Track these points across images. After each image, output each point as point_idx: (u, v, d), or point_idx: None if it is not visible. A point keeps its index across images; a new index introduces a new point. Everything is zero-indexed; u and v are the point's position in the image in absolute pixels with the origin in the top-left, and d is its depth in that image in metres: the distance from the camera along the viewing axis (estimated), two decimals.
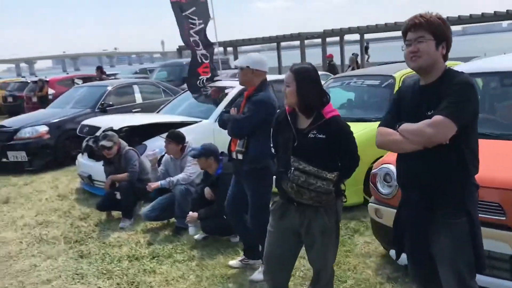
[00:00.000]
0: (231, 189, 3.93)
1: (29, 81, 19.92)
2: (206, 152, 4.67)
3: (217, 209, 4.58)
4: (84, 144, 7.26)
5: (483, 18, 20.01)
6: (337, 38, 23.75)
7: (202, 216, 4.66)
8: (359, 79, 6.36)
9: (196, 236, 4.80)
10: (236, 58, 22.44)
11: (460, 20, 20.35)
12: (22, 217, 6.08)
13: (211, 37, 7.94)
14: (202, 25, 7.86)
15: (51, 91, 17.11)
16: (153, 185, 5.09)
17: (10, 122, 9.47)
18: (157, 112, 8.13)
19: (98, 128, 6.51)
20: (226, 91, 7.42)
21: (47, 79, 17.80)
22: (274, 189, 3.10)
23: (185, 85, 13.27)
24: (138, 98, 10.48)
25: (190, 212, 4.78)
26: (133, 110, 10.13)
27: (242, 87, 7.38)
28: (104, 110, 9.63)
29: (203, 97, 7.67)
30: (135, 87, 10.56)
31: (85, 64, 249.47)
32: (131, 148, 5.61)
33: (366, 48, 24.57)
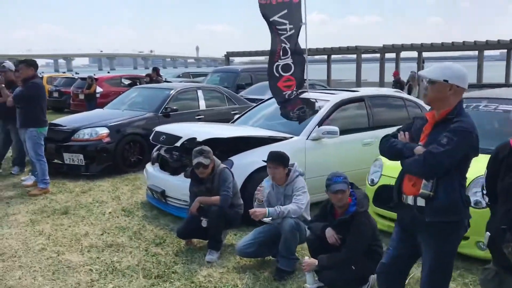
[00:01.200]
0: (392, 247, 2.94)
1: (76, 77, 19.47)
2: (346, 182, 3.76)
3: (346, 258, 3.63)
4: (154, 153, 6.44)
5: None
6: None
7: (324, 264, 3.72)
8: (491, 102, 5.33)
9: (310, 287, 3.85)
10: None
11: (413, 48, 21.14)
12: (86, 234, 5.24)
13: (301, 44, 7.05)
14: (293, 31, 6.98)
15: (99, 89, 16.58)
16: (259, 212, 4.16)
17: (66, 121, 8.74)
18: (233, 123, 7.27)
19: (177, 137, 5.65)
20: (317, 104, 6.50)
21: (96, 77, 17.26)
22: None
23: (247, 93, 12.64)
24: (202, 104, 9.65)
25: (307, 258, 3.85)
26: (196, 117, 9.33)
27: (338, 100, 6.63)
28: (167, 115, 8.84)
29: (290, 109, 6.76)
30: (200, 93, 9.73)
31: (121, 64, 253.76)
32: (225, 166, 4.71)
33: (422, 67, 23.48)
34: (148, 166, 6.43)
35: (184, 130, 5.98)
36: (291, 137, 5.88)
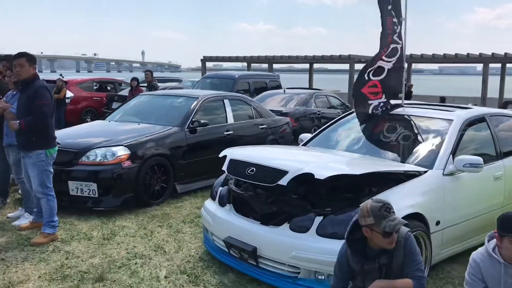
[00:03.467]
0: None
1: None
2: None
3: None
4: (218, 188, 4.64)
5: (457, 58, 21.13)
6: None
7: None
8: None
9: None
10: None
11: (434, 59, 21.30)
12: None
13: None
14: (403, 24, 5.42)
15: (69, 93, 14.31)
16: None
17: (63, 136, 6.68)
18: (306, 145, 5.56)
19: (279, 171, 3.87)
20: (437, 125, 4.93)
21: (66, 80, 14.90)
22: None
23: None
24: (230, 117, 7.87)
25: None
26: (225, 133, 7.55)
27: (463, 119, 4.74)
28: (193, 131, 7.00)
29: (391, 130, 5.16)
30: (226, 103, 7.94)
31: (62, 67, 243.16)
32: (408, 229, 3.00)
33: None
34: (211, 205, 4.60)
35: (282, 159, 4.23)
36: (425, 171, 4.26)
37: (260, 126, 8.42)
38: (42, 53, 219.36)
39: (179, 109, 7.35)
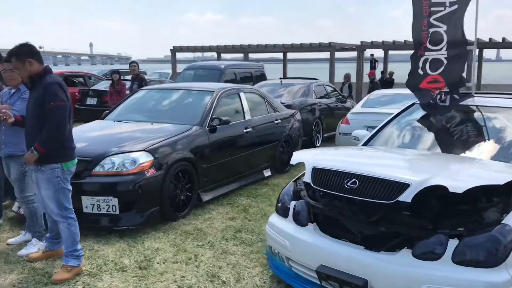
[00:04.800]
0: None
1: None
2: None
3: None
4: (290, 203, 3.82)
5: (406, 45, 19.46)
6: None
7: None
8: None
9: None
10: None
11: (384, 46, 20.21)
12: None
13: (468, 31, 4.75)
14: (455, 7, 4.67)
15: None
16: None
17: None
18: (366, 144, 4.78)
19: (399, 185, 3.07)
20: None
21: None
22: None
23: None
24: (247, 113, 7.00)
25: None
26: (244, 131, 6.69)
27: None
28: (214, 130, 6.10)
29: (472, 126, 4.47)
30: (242, 96, 7.06)
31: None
32: None
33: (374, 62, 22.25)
34: (284, 224, 3.74)
35: (393, 167, 3.42)
36: None
37: (275, 121, 7.60)
38: None
39: (194, 105, 6.41)
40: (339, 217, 3.39)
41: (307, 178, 3.64)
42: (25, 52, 3.87)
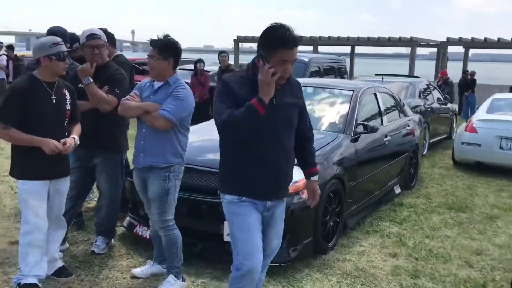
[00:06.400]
0: None
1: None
2: None
3: None
4: None
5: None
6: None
7: None
8: None
9: None
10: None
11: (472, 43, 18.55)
12: None
13: None
14: None
15: None
16: None
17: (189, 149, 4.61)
18: None
19: None
20: None
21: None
22: None
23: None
24: (384, 117, 5.86)
25: None
26: (385, 139, 5.55)
27: None
28: (356, 138, 4.98)
29: None
30: (379, 97, 5.91)
31: None
32: None
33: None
34: None
35: None
36: None
37: (407, 128, 6.43)
38: (30, 30, 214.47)
39: (331, 107, 5.32)
40: None
41: None
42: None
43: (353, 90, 5.41)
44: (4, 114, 3.24)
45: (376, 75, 10.89)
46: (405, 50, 18.15)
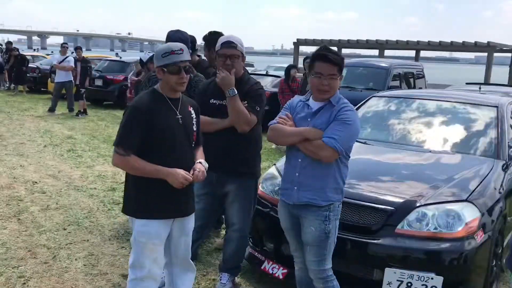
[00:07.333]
0: None
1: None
2: None
3: None
4: None
5: None
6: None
7: None
8: None
9: None
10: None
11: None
12: None
13: None
14: None
15: None
16: None
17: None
18: None
19: None
20: None
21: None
22: None
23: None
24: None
25: None
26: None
27: None
28: (508, 165, 4.22)
29: None
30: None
31: (96, 45, 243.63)
32: None
33: None
34: None
35: None
36: None
37: None
38: (77, 30, 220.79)
39: (470, 125, 4.58)
40: None
41: None
42: None
43: (497, 106, 4.66)
44: (124, 139, 2.62)
45: (467, 83, 9.99)
46: (448, 54, 17.19)
